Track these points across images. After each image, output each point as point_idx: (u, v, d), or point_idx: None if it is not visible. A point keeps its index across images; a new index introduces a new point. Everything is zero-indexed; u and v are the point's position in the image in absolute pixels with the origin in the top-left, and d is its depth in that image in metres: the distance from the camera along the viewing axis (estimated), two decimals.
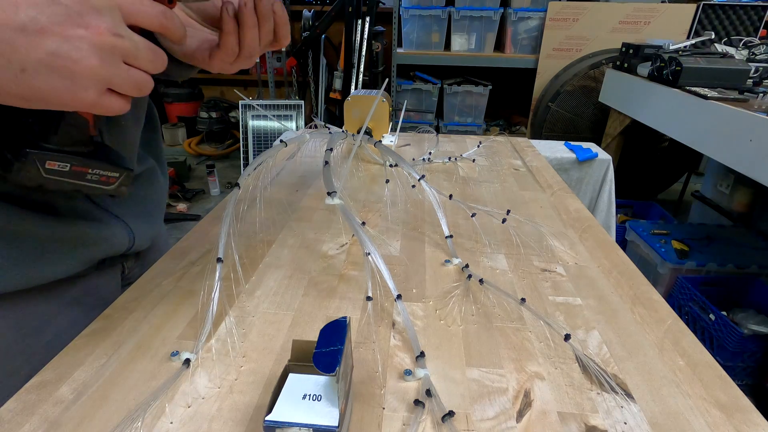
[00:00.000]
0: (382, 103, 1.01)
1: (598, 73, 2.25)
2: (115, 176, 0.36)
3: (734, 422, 0.34)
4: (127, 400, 0.35)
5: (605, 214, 1.45)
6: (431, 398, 0.35)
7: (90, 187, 0.35)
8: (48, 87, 0.25)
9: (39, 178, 0.31)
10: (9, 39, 0.23)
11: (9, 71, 0.24)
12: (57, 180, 0.32)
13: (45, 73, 0.24)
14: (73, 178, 0.33)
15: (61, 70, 0.25)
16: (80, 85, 0.26)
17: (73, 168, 0.33)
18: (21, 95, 0.25)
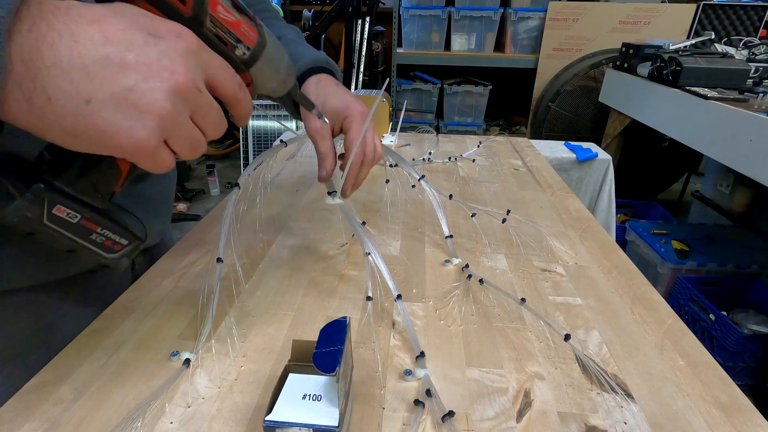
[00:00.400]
0: (382, 103, 1.01)
1: (598, 73, 2.25)
2: (123, 244, 0.31)
3: (734, 422, 0.34)
4: (127, 400, 0.35)
5: (605, 214, 1.45)
6: (431, 398, 0.35)
7: (89, 249, 0.29)
8: (107, 124, 0.23)
9: (37, 223, 0.26)
10: (86, 69, 0.23)
11: (72, 101, 0.22)
12: (55, 232, 0.27)
13: (111, 108, 0.23)
14: (76, 234, 0.28)
15: (129, 109, 0.24)
16: (144, 127, 0.24)
17: (81, 221, 0.28)
18: (73, 129, 0.23)
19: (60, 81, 0.22)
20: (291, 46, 0.53)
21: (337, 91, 0.50)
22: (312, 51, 0.54)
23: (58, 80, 0.22)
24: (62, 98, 0.22)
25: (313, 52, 0.54)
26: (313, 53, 0.53)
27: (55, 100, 0.22)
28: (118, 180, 0.29)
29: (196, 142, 0.28)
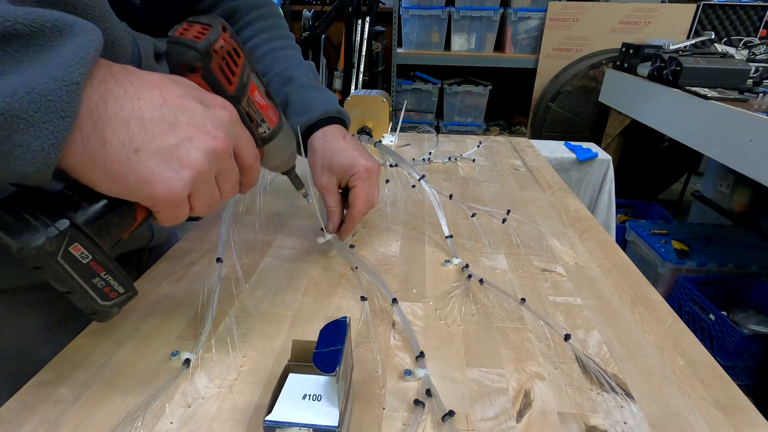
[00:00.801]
0: (382, 103, 1.01)
1: (598, 73, 2.25)
2: (119, 292, 0.30)
3: (734, 422, 0.34)
4: (127, 400, 0.35)
5: (605, 214, 1.45)
6: (431, 398, 0.35)
7: (86, 293, 0.28)
8: (150, 173, 0.26)
9: (51, 258, 0.25)
10: (142, 122, 0.26)
11: (123, 148, 0.25)
12: (63, 270, 0.26)
13: (156, 160, 0.26)
14: (81, 276, 0.27)
15: (172, 162, 0.27)
16: (180, 179, 0.27)
17: (90, 263, 0.27)
18: (117, 174, 0.25)
19: (117, 129, 0.25)
20: (304, 92, 0.55)
21: (343, 147, 0.52)
22: (324, 99, 0.56)
23: (116, 129, 0.25)
24: (116, 145, 0.25)
25: (324, 101, 0.55)
26: (325, 102, 0.55)
27: (109, 145, 0.25)
28: (131, 227, 0.30)
29: (214, 199, 0.31)
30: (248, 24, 0.59)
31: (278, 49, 0.59)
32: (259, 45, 0.58)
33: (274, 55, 0.58)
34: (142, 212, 0.30)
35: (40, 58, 0.22)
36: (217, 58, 0.32)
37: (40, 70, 0.22)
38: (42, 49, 0.22)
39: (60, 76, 0.22)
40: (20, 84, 0.21)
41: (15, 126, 0.21)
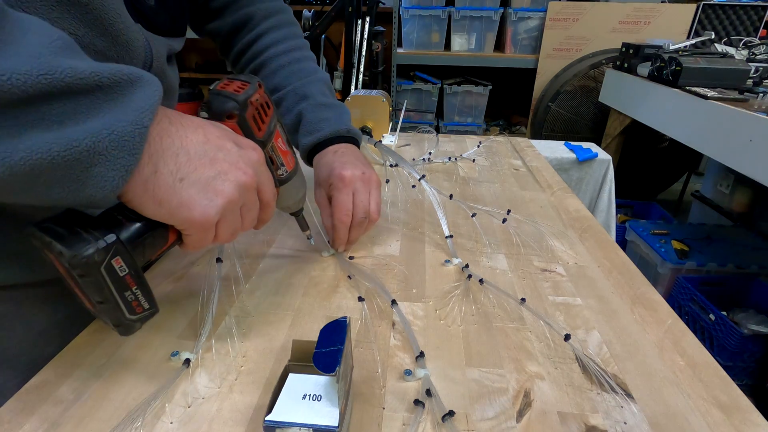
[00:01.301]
0: (382, 103, 1.01)
1: (598, 73, 2.25)
2: (144, 308, 0.32)
3: (734, 422, 0.34)
4: (127, 400, 0.35)
5: (605, 214, 1.45)
6: (431, 398, 0.35)
7: (116, 305, 0.30)
8: (190, 199, 0.31)
9: (95, 268, 0.28)
10: (188, 156, 0.31)
11: (170, 177, 0.30)
12: (103, 280, 0.29)
13: (197, 188, 0.31)
14: (116, 287, 0.30)
15: (209, 191, 0.32)
16: (214, 206, 0.32)
17: (126, 276, 0.30)
18: (162, 198, 0.30)
19: (168, 161, 0.30)
20: (318, 112, 0.57)
21: (331, 161, 0.54)
22: (336, 118, 0.57)
23: (167, 160, 0.30)
24: (165, 173, 0.30)
25: (335, 121, 0.57)
26: (336, 122, 0.57)
27: (159, 174, 0.29)
28: (162, 248, 0.33)
29: (236, 229, 0.36)
30: (265, 33, 0.59)
31: (295, 61, 0.60)
32: (276, 56, 0.59)
33: (290, 68, 0.59)
34: (174, 236, 0.33)
35: (117, 105, 0.26)
36: (251, 109, 0.38)
37: (118, 115, 0.26)
38: (119, 97, 0.27)
39: (134, 120, 0.27)
40: (103, 126, 0.26)
41: (95, 160, 0.26)
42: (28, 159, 0.23)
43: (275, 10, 0.61)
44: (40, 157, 0.23)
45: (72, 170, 0.25)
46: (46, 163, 0.24)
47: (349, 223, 0.52)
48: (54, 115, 0.24)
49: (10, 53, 0.22)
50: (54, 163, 0.24)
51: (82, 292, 0.30)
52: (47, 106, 0.24)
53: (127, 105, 0.27)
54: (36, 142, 0.23)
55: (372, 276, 0.50)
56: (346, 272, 0.52)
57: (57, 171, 0.25)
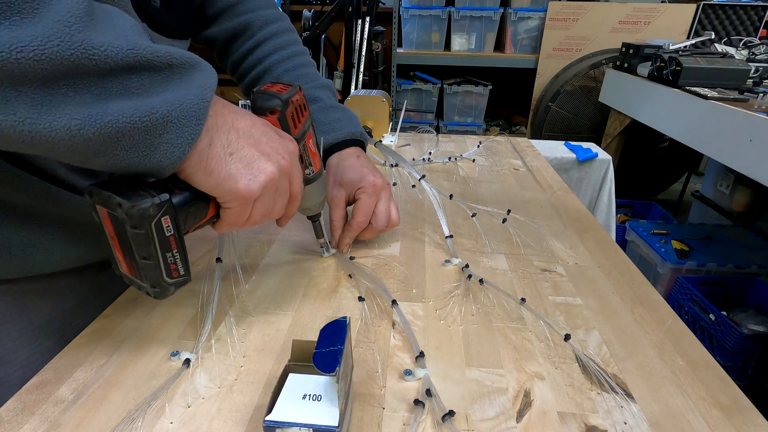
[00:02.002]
0: (382, 103, 1.01)
1: (598, 73, 2.25)
2: (180, 273, 0.34)
3: (734, 422, 0.34)
4: (127, 400, 0.35)
5: (605, 214, 1.45)
6: (431, 398, 0.35)
7: (157, 264, 0.32)
8: (237, 172, 0.34)
9: (147, 222, 0.30)
10: (238, 133, 0.35)
11: (222, 150, 0.33)
12: (150, 236, 0.31)
13: (243, 163, 0.35)
14: (161, 246, 0.32)
15: (253, 167, 0.35)
16: (257, 181, 0.35)
17: (170, 237, 0.32)
18: (212, 169, 0.33)
19: (222, 136, 0.33)
20: (329, 113, 0.59)
21: (355, 164, 0.56)
22: (347, 121, 0.59)
23: (220, 135, 0.33)
24: (218, 146, 0.33)
25: (348, 123, 0.59)
26: (348, 125, 0.59)
27: (213, 146, 0.33)
28: (201, 221, 0.36)
29: (268, 211, 0.39)
30: (265, 40, 0.60)
31: (300, 66, 0.61)
32: (279, 62, 0.60)
33: (295, 73, 0.61)
34: (213, 210, 0.36)
35: (183, 81, 0.30)
36: (291, 108, 0.42)
37: (185, 90, 0.30)
38: (184, 76, 0.30)
39: (199, 95, 0.31)
40: (174, 98, 0.29)
41: (167, 128, 0.29)
42: (114, 122, 0.26)
43: (274, 17, 0.61)
44: (124, 121, 0.27)
45: (148, 135, 0.28)
46: (129, 127, 0.27)
47: (364, 227, 0.55)
48: (134, 87, 0.27)
49: (105, 30, 0.26)
50: (135, 127, 0.27)
51: (128, 250, 0.32)
52: (129, 78, 0.27)
53: (191, 82, 0.30)
54: (121, 108, 0.27)
55: (372, 276, 0.50)
56: (347, 272, 0.52)
57: (136, 135, 0.28)
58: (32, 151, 0.26)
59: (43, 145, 0.25)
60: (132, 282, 0.35)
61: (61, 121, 0.25)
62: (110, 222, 0.32)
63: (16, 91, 0.23)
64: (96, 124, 0.26)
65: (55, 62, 0.24)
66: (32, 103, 0.24)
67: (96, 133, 0.26)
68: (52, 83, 0.24)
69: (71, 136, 0.25)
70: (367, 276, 0.50)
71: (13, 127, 0.24)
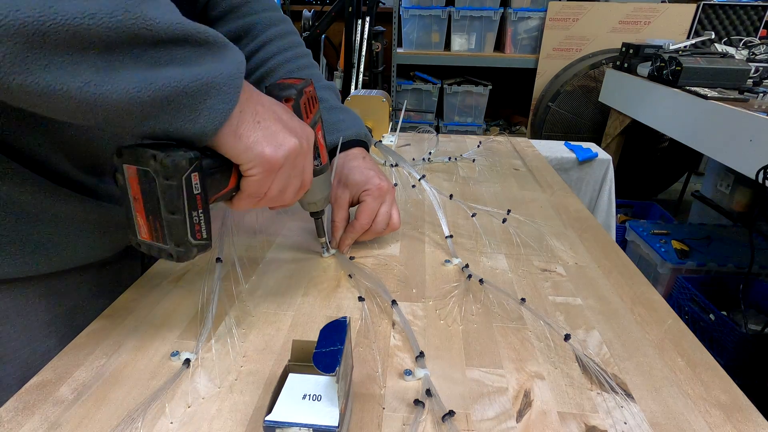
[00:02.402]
0: (381, 103, 1.01)
1: (598, 73, 2.25)
2: (203, 236, 0.35)
3: (734, 422, 0.34)
4: (127, 400, 0.35)
5: (605, 214, 1.45)
6: (431, 398, 0.35)
7: (183, 221, 0.34)
8: (264, 138, 0.37)
9: (178, 173, 0.32)
10: (264, 107, 0.37)
11: (251, 118, 0.36)
12: (179, 189, 0.33)
13: (269, 132, 0.37)
14: (188, 202, 0.33)
15: (278, 138, 0.38)
16: (282, 149, 0.38)
17: (197, 196, 0.34)
18: (242, 134, 0.35)
19: (251, 105, 0.36)
20: (334, 114, 0.60)
21: (361, 166, 0.57)
22: (352, 122, 0.60)
23: (250, 104, 0.36)
24: (248, 114, 0.36)
25: (352, 124, 0.60)
26: (353, 125, 0.60)
27: (243, 113, 0.35)
28: (222, 190, 0.37)
29: (285, 188, 0.40)
30: (269, 42, 0.60)
31: (304, 68, 0.62)
32: (283, 63, 0.60)
33: (298, 74, 0.61)
34: (233, 182, 0.38)
35: (218, 57, 0.33)
36: (304, 97, 0.45)
37: (223, 62, 0.33)
38: (219, 52, 0.33)
39: (236, 67, 0.34)
40: (215, 68, 0.32)
41: (211, 93, 0.32)
42: (166, 86, 0.29)
43: (276, 20, 0.62)
44: (174, 86, 0.30)
45: (194, 100, 0.31)
46: (179, 91, 0.30)
47: (366, 229, 0.55)
48: (179, 57, 0.30)
49: (155, 6, 0.28)
50: (184, 92, 0.30)
51: (153, 208, 0.33)
52: (175, 49, 0.30)
53: (226, 57, 0.33)
54: (171, 74, 0.29)
55: (372, 276, 0.50)
56: (347, 272, 0.52)
57: (184, 99, 0.30)
58: (91, 118, 0.28)
59: (103, 107, 0.27)
60: (151, 248, 0.35)
61: (120, 84, 0.27)
62: (137, 180, 0.33)
63: (82, 55, 0.26)
64: (150, 87, 0.28)
65: (118, 31, 0.26)
66: (96, 67, 0.26)
67: (150, 97, 0.29)
68: (113, 50, 0.27)
69: (129, 98, 0.28)
70: (367, 276, 0.50)
71: (80, 89, 0.26)
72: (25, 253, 0.41)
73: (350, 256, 0.56)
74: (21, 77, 0.24)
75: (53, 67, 0.25)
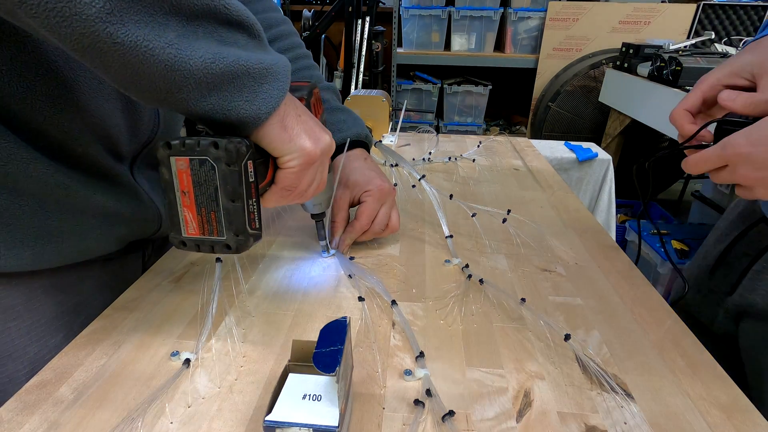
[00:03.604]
0: (381, 102, 1.02)
1: (598, 73, 2.25)
2: (257, 226, 0.36)
3: (734, 422, 0.34)
4: (127, 400, 0.35)
5: (605, 214, 1.45)
6: (431, 398, 0.35)
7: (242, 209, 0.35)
8: (305, 131, 0.38)
9: (238, 159, 0.33)
10: (298, 110, 0.38)
11: (293, 111, 0.37)
12: (239, 176, 0.33)
13: (307, 126, 0.38)
14: (246, 190, 0.34)
15: (315, 132, 0.39)
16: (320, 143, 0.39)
17: (252, 184, 0.34)
18: (287, 124, 0.37)
19: (290, 101, 0.38)
20: (336, 114, 0.60)
21: (362, 167, 0.58)
22: (353, 123, 0.61)
23: (290, 102, 0.37)
24: (290, 108, 0.37)
25: (354, 125, 0.61)
26: (355, 126, 0.60)
27: (287, 106, 0.37)
28: (262, 182, 0.38)
29: (314, 182, 0.42)
30: (269, 43, 0.60)
31: (304, 68, 0.62)
32: None
33: (300, 75, 0.62)
34: (270, 175, 0.38)
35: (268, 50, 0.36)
36: (314, 98, 0.46)
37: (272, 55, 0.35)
38: (266, 47, 0.36)
39: (284, 61, 0.36)
40: (271, 57, 0.35)
41: (268, 78, 0.34)
42: (235, 63, 0.31)
43: (277, 21, 0.62)
44: (242, 64, 0.32)
45: (255, 81, 0.33)
46: (244, 70, 0.32)
47: (366, 230, 0.55)
48: (240, 42, 0.33)
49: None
50: (248, 72, 0.32)
51: (208, 200, 0.34)
52: (238, 34, 0.32)
53: (272, 52, 0.36)
54: (238, 54, 0.32)
55: (372, 276, 0.50)
56: (347, 272, 0.52)
57: (247, 79, 0.33)
58: (161, 82, 0.29)
59: (180, 71, 0.29)
60: (201, 244, 0.36)
61: (198, 51, 0.29)
62: (189, 172, 0.34)
63: (168, 18, 0.28)
64: (223, 61, 0.31)
65: (203, 3, 0.29)
66: (178, 32, 0.28)
67: (221, 69, 0.31)
68: (194, 19, 0.29)
69: (204, 67, 0.30)
70: (367, 276, 0.50)
71: (163, 48, 0.28)
72: (38, 245, 0.41)
73: (350, 256, 0.56)
74: (114, 27, 0.26)
75: (143, 24, 0.27)
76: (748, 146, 0.36)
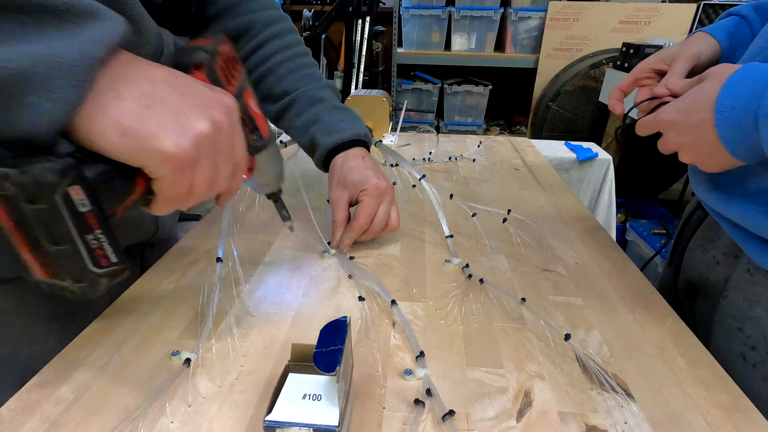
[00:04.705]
0: (382, 102, 1.01)
1: (598, 73, 2.25)
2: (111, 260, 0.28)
3: (734, 422, 0.34)
4: (127, 400, 0.35)
5: (605, 214, 1.45)
6: (431, 398, 0.35)
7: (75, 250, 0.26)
8: (159, 128, 0.27)
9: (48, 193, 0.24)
10: (154, 84, 0.28)
11: (134, 103, 0.27)
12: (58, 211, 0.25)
13: (166, 116, 0.28)
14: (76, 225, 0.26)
15: (179, 120, 0.28)
16: (187, 137, 0.28)
17: (87, 214, 0.26)
18: (127, 127, 0.26)
19: (131, 87, 0.27)
20: (334, 114, 0.59)
21: (360, 166, 0.56)
22: (351, 122, 0.59)
23: (130, 86, 0.27)
24: (129, 99, 0.27)
25: (352, 124, 0.59)
26: (353, 125, 0.59)
27: (122, 99, 0.26)
28: (128, 198, 0.29)
29: (212, 179, 0.32)
30: (268, 40, 0.60)
31: (304, 67, 0.61)
32: (283, 62, 0.60)
33: (300, 73, 0.61)
34: (141, 185, 0.30)
35: (66, 31, 0.24)
36: (220, 59, 0.35)
37: (66, 41, 0.24)
38: (70, 25, 0.24)
39: (82, 50, 0.24)
40: (46, 50, 0.23)
41: (29, 88, 0.23)
42: None
43: (276, 18, 0.61)
44: None
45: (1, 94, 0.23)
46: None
47: (366, 229, 0.55)
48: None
49: None
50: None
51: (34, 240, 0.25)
52: None
53: (78, 34, 0.25)
54: None
55: (372, 276, 0.50)
56: (347, 272, 0.52)
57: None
58: None
59: None
60: (53, 288, 0.28)
61: None
62: (5, 208, 0.24)
63: None
64: None
65: None
66: None
67: None
68: None
69: None
70: (367, 276, 0.50)
71: None
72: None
73: (350, 256, 0.56)
74: None
75: None
76: (674, 114, 0.44)
